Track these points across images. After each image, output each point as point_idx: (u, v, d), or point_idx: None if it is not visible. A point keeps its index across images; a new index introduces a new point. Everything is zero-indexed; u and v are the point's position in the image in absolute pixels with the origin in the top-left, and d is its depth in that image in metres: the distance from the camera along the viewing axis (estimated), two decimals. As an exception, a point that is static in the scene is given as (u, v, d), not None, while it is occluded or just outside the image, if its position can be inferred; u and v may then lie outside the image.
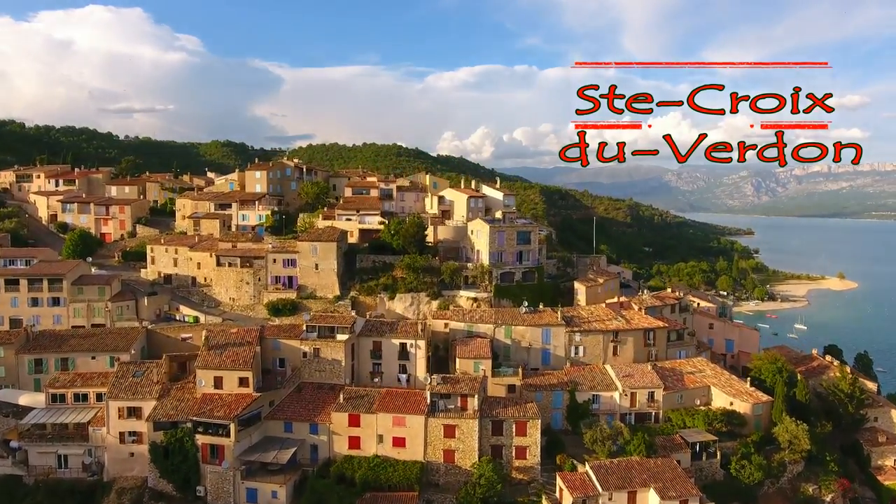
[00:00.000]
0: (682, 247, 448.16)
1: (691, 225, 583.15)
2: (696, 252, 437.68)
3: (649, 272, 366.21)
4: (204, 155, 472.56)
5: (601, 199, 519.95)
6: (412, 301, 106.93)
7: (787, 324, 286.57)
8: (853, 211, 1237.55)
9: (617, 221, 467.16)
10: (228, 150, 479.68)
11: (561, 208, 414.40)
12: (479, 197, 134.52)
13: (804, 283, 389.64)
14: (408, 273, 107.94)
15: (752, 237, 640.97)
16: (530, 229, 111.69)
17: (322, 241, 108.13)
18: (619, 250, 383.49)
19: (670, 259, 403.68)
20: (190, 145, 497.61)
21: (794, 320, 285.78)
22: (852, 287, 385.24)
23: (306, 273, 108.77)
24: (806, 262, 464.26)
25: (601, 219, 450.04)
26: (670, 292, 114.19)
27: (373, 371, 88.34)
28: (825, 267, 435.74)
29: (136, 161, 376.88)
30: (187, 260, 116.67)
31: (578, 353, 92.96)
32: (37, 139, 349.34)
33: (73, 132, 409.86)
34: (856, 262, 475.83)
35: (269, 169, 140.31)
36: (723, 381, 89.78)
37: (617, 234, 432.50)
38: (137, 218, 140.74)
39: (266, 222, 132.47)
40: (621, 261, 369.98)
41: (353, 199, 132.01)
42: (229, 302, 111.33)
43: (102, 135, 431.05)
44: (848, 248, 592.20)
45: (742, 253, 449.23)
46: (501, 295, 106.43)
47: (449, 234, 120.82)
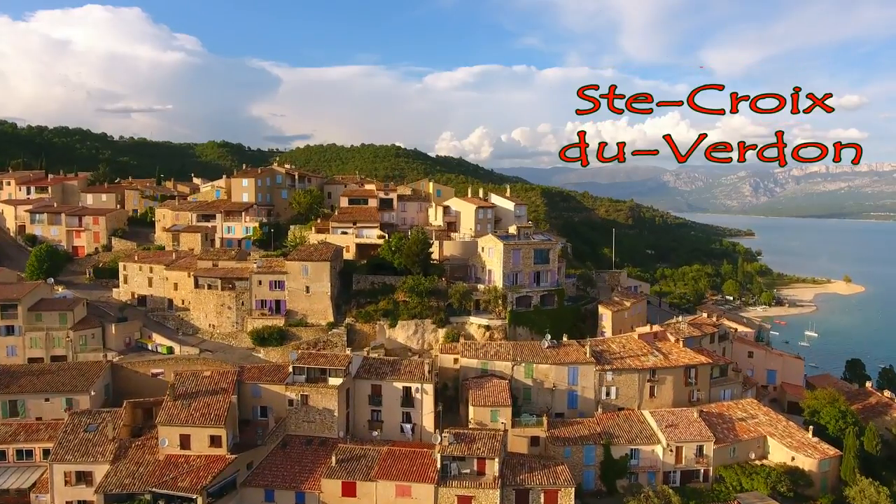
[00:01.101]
0: (684, 249, 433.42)
1: (692, 226, 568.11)
2: (699, 254, 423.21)
3: (653, 276, 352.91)
4: (200, 156, 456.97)
5: (602, 201, 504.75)
6: (416, 329, 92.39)
7: (797, 330, 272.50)
8: (851, 211, 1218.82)
9: (618, 223, 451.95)
10: (224, 151, 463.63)
11: (562, 210, 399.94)
12: (489, 207, 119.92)
13: (810, 287, 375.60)
14: (411, 296, 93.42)
15: (753, 238, 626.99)
16: (548, 246, 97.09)
17: (314, 261, 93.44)
18: (621, 253, 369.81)
19: (673, 262, 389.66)
20: (186, 146, 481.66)
21: (803, 326, 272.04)
22: (859, 291, 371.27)
23: (296, 297, 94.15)
24: (808, 264, 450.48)
25: (602, 220, 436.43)
26: (706, 317, 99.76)
27: (372, 420, 73.81)
28: (828, 269, 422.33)
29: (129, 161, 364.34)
30: (163, 280, 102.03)
31: (610, 395, 78.54)
32: (29, 140, 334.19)
33: (66, 133, 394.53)
34: (859, 263, 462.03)
35: (258, 176, 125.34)
36: (780, 429, 75.44)
37: (618, 236, 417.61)
38: (114, 230, 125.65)
39: (253, 235, 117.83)
40: (625, 264, 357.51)
41: (350, 210, 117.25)
42: (209, 329, 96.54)
43: (96, 135, 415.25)
44: (849, 250, 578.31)
45: (746, 255, 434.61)
46: (517, 322, 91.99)
47: (456, 250, 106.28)
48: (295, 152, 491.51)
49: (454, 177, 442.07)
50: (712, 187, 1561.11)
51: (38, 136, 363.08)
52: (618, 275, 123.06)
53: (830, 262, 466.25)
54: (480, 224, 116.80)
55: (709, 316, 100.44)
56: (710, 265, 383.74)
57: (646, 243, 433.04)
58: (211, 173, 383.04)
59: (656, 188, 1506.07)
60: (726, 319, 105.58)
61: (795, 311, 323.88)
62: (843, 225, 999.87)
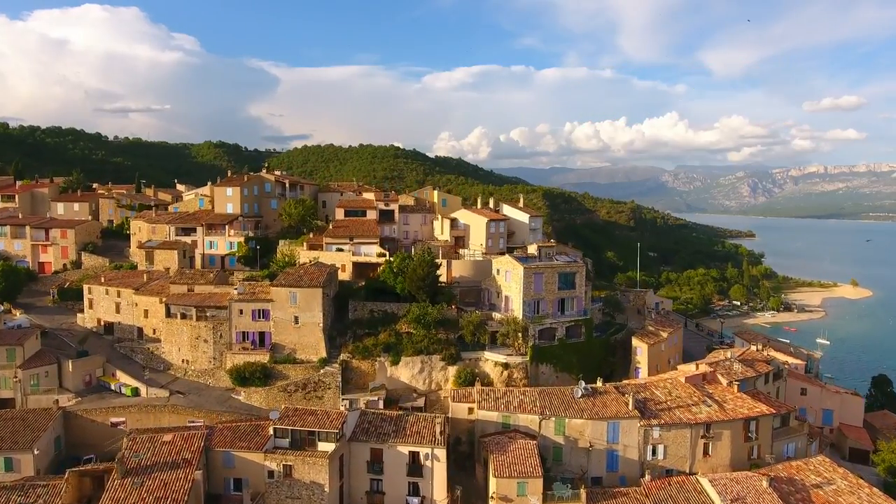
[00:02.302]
0: (687, 251, 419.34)
1: (693, 228, 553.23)
2: (702, 257, 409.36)
3: (658, 280, 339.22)
4: (195, 156, 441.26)
5: (603, 202, 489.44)
6: (422, 366, 77.93)
7: (808, 337, 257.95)
8: (850, 212, 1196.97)
9: (619, 225, 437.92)
10: (221, 152, 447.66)
11: (564, 213, 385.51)
12: (501, 220, 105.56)
13: (817, 291, 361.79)
14: (416, 328, 79.01)
15: (754, 239, 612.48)
16: (575, 269, 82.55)
17: (303, 287, 78.86)
18: (623, 255, 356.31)
19: (676, 264, 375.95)
20: (182, 146, 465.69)
21: (813, 333, 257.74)
22: (867, 295, 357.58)
23: (282, 328, 79.64)
24: (811, 266, 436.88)
25: (604, 222, 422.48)
26: (756, 350, 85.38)
27: (371, 492, 59.23)
28: (833, 272, 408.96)
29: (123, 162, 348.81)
30: (132, 305, 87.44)
31: (657, 455, 64.21)
32: (20, 140, 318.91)
33: (59, 133, 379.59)
34: (862, 265, 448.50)
35: (244, 184, 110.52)
36: (863, 497, 61.14)
37: (620, 238, 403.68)
38: (84, 244, 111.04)
39: (238, 252, 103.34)
40: (630, 268, 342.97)
41: (346, 224, 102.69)
42: (182, 365, 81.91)
43: (90, 135, 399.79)
44: (851, 251, 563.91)
45: (750, 258, 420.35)
46: (541, 359, 77.62)
47: (466, 271, 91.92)
48: (293, 153, 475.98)
49: (454, 178, 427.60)
50: (710, 188, 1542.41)
51: (30, 136, 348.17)
52: (643, 294, 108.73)
53: (833, 264, 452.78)
54: (492, 239, 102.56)
55: (759, 349, 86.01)
56: (715, 268, 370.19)
57: (647, 245, 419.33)
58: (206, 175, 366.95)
59: (655, 188, 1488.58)
60: (772, 349, 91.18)
61: (805, 317, 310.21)
62: (842, 226, 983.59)
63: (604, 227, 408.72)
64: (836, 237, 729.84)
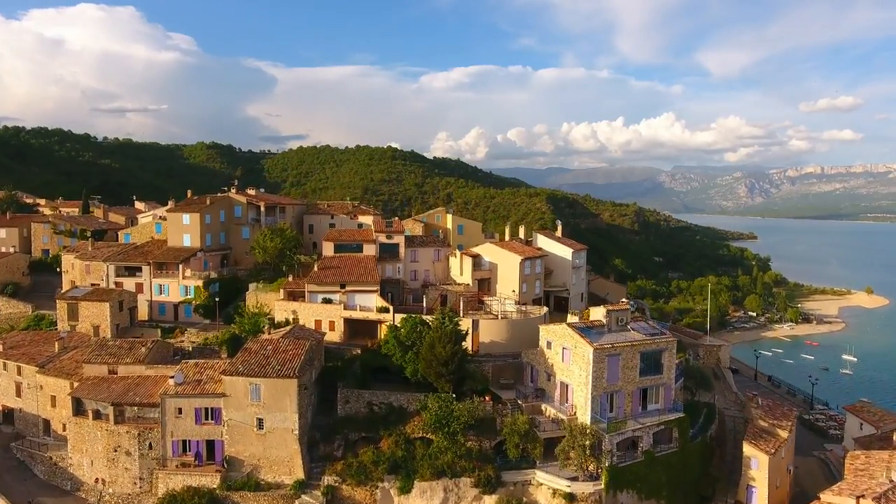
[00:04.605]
0: (692, 255, 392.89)
1: (695, 230, 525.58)
2: (708, 261, 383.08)
3: (668, 290, 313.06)
4: (188, 158, 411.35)
5: (605, 205, 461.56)
6: (445, 496, 50.80)
7: (831, 353, 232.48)
8: (848, 213, 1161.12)
9: (623, 229, 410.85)
10: (214, 153, 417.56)
11: (568, 217, 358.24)
12: (538, 257, 78.32)
13: (831, 299, 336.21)
14: (437, 435, 52.04)
15: (756, 241, 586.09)
16: (662, 345, 55.40)
17: (270, 377, 51.65)
18: (630, 261, 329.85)
19: (682, 270, 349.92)
20: (174, 147, 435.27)
21: (837, 348, 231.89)
22: (883, 304, 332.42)
23: (240, 435, 52.40)
24: (820, 271, 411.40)
25: (608, 226, 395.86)
26: None
27: None
28: (843, 277, 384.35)
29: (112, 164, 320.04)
30: (35, 389, 60.10)
31: None
32: (3, 142, 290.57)
33: (45, 134, 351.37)
34: (872, 270, 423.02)
35: (206, 210, 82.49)
36: None
37: (625, 242, 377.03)
38: (3, 284, 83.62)
39: (196, 299, 76.03)
40: (638, 276, 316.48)
41: (337, 263, 75.05)
42: (95, 486, 54.63)
43: (78, 136, 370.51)
44: (855, 254, 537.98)
45: (759, 264, 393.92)
46: (620, 485, 50.62)
47: (499, 335, 64.78)
48: (288, 154, 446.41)
49: (454, 181, 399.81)
50: (707, 188, 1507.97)
51: (15, 137, 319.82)
52: (717, 350, 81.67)
53: (842, 269, 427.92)
54: (527, 282, 75.55)
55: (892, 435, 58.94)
56: (725, 275, 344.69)
57: (652, 249, 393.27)
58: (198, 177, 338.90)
59: (652, 189, 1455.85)
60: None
61: (825, 329, 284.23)
62: (841, 227, 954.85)
63: (608, 231, 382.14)
64: (837, 239, 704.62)
